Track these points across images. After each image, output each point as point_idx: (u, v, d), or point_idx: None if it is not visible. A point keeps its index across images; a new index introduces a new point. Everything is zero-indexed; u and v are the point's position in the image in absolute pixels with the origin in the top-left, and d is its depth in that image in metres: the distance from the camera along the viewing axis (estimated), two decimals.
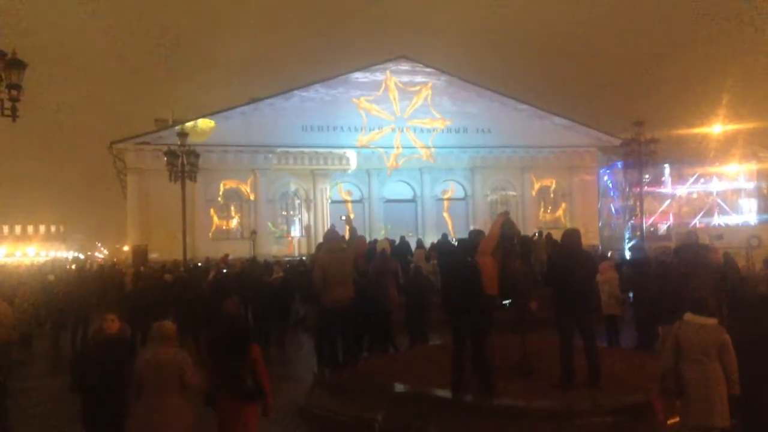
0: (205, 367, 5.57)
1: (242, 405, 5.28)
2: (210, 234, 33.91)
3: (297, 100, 35.80)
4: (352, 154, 35.97)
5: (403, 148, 36.54)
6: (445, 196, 38.51)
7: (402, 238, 19.35)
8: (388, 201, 37.28)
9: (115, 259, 49.79)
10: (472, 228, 31.57)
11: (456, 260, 7.77)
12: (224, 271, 19.01)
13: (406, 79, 36.94)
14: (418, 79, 37.05)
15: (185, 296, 13.02)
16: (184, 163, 21.82)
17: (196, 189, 29.78)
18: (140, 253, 28.63)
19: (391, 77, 36.62)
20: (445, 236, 19.62)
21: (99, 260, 57.82)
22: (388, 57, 37.74)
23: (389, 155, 36.52)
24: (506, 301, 7.60)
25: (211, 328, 6.33)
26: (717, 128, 34.32)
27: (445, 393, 7.21)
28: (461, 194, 38.71)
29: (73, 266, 30.80)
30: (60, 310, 14.05)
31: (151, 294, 14.14)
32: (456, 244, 21.31)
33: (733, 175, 36.68)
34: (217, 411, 5.35)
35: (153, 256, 28.44)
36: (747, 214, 36.31)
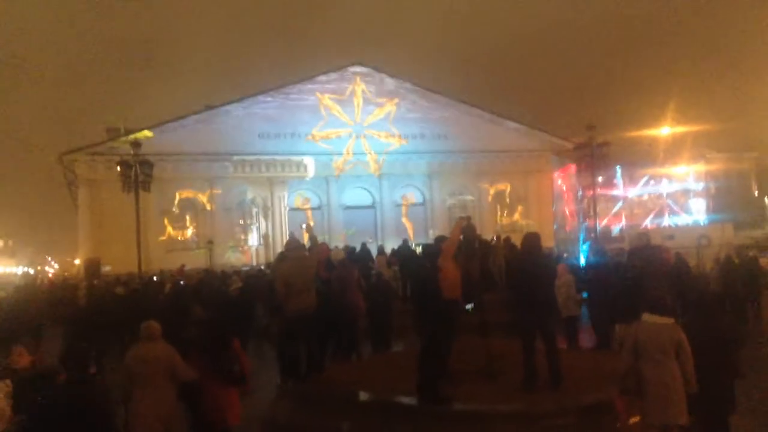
0: (188, 362, 5.97)
1: (228, 390, 5.97)
2: (165, 245, 33.25)
3: (254, 107, 35.50)
4: (309, 161, 35.79)
5: (354, 154, 36.46)
6: (404, 202, 38.66)
7: (363, 245, 19.31)
8: (348, 207, 37.24)
9: (66, 273, 48.51)
10: (432, 233, 31.76)
11: (416, 265, 7.79)
12: (181, 282, 18.69)
13: (361, 85, 36.89)
14: (374, 85, 37.07)
15: (141, 310, 12.73)
16: (137, 173, 21.40)
17: (150, 199, 29.16)
18: (93, 266, 27.97)
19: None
20: (405, 242, 19.68)
21: (50, 275, 56.27)
22: (343, 63, 37.73)
23: (346, 161, 36.42)
24: (469, 305, 7.65)
25: (187, 331, 6.83)
26: (666, 130, 35.31)
27: (410, 400, 7.21)
28: (420, 199, 38.92)
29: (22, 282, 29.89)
30: (11, 326, 13.55)
31: (107, 308, 13.83)
32: (418, 249, 21.45)
33: (682, 177, 37.79)
34: (200, 399, 5.89)
35: (106, 269, 27.80)
36: (696, 215, 37.42)
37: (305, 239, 9.66)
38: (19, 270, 66.16)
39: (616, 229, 38.39)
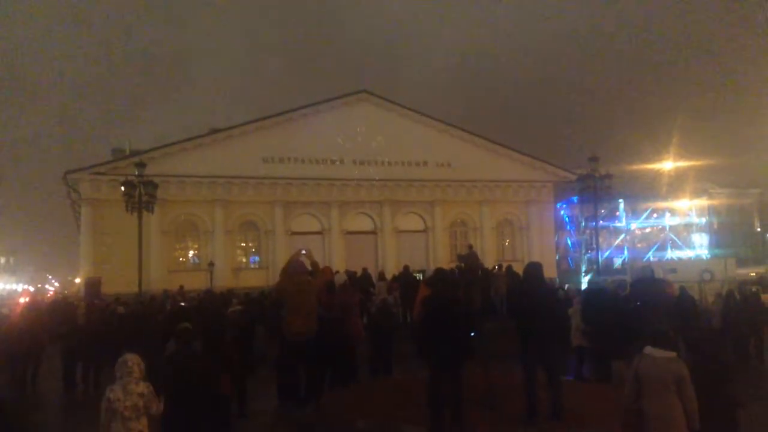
0: None
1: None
2: (166, 266, 33.21)
3: (258, 130, 35.67)
4: (312, 186, 35.87)
5: (360, 180, 36.49)
6: (405, 229, 38.62)
7: (364, 270, 19.30)
8: (349, 233, 37.22)
9: (66, 292, 48.41)
10: (432, 260, 31.50)
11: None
12: (181, 303, 18.64)
13: (367, 113, 37.10)
14: (380, 113, 37.30)
15: (140, 330, 12.69)
16: (141, 194, 21.47)
17: (152, 220, 29.25)
18: (93, 286, 27.88)
19: (354, 111, 36.76)
20: (407, 268, 19.62)
21: (51, 293, 56.13)
22: (349, 91, 38.02)
23: (349, 187, 36.48)
24: (472, 332, 7.62)
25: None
26: (668, 165, 35.45)
27: (410, 428, 7.14)
28: (421, 227, 38.92)
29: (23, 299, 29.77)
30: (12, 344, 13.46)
31: (105, 327, 13.79)
32: (419, 276, 21.40)
33: (684, 211, 37.84)
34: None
35: (106, 288, 27.70)
36: (699, 249, 37.38)
37: (308, 264, 9.60)
38: (20, 287, 66.06)
39: (618, 261, 38.35)
